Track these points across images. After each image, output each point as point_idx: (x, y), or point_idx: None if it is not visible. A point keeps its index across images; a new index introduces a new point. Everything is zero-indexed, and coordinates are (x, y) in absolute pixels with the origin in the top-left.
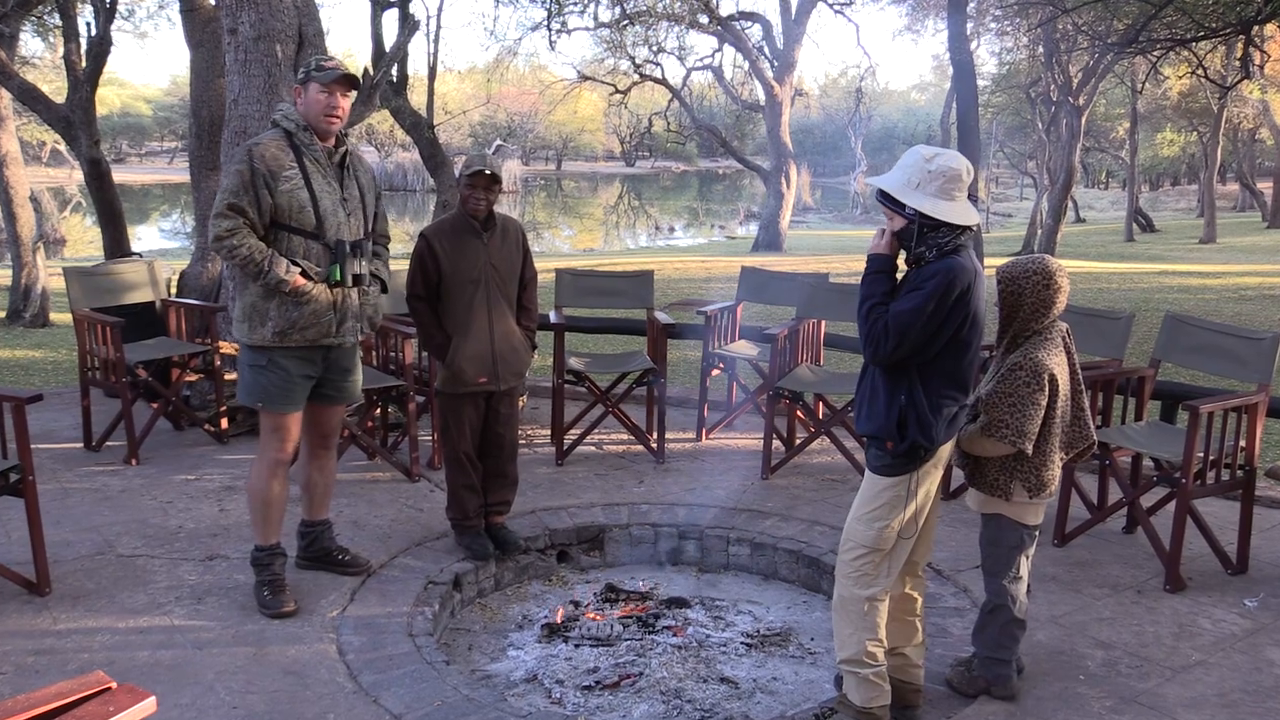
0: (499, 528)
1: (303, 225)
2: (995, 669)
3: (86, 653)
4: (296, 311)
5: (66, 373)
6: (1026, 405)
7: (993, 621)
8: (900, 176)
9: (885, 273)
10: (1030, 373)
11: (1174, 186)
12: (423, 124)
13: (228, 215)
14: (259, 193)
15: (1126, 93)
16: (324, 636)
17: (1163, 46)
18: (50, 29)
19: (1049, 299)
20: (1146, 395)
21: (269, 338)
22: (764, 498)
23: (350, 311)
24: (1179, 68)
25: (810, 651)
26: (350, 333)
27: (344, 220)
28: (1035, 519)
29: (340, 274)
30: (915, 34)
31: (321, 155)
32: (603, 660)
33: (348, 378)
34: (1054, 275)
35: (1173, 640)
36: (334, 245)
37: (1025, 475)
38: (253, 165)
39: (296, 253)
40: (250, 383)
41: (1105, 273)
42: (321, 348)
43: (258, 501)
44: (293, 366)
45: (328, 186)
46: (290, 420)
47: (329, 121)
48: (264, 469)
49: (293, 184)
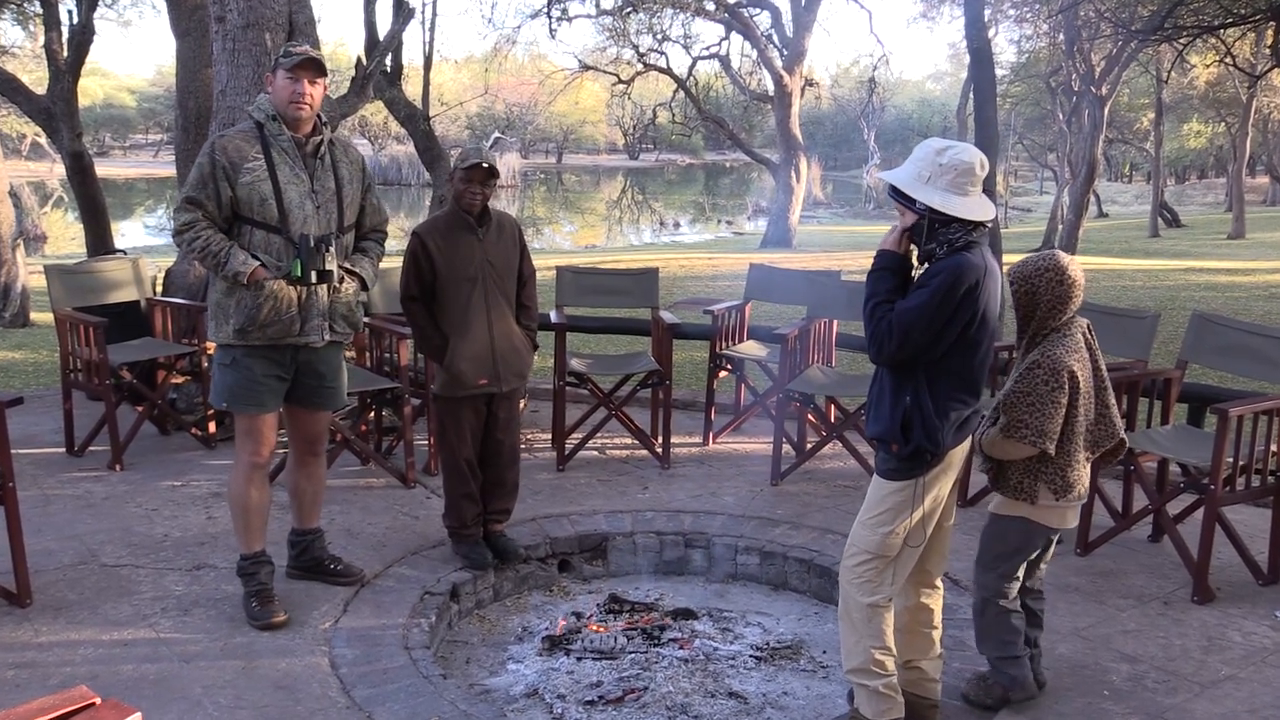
0: (498, 536)
1: (265, 219)
2: (1008, 669)
3: (69, 666)
4: (255, 308)
5: (48, 375)
6: (1046, 404)
7: (985, 619)
8: (911, 171)
9: (892, 270)
10: (1049, 371)
11: (1201, 180)
12: (418, 116)
13: (186, 209)
14: (219, 185)
15: (1151, 82)
16: (316, 649)
17: (1189, 33)
18: (30, 17)
19: (1064, 294)
20: (1173, 398)
21: (231, 335)
22: (774, 505)
23: (317, 310)
24: (1206, 56)
25: (822, 665)
26: (316, 331)
27: (312, 214)
28: (1063, 522)
29: (301, 270)
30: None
31: (290, 145)
32: (606, 674)
33: (323, 383)
34: (1067, 270)
35: (1201, 654)
36: (297, 240)
37: (1050, 477)
38: (214, 158)
39: (258, 247)
40: (218, 382)
41: (1129, 270)
42: (290, 348)
43: (237, 508)
44: (257, 366)
45: (294, 178)
46: (261, 423)
47: (296, 109)
48: (240, 474)
49: (254, 176)
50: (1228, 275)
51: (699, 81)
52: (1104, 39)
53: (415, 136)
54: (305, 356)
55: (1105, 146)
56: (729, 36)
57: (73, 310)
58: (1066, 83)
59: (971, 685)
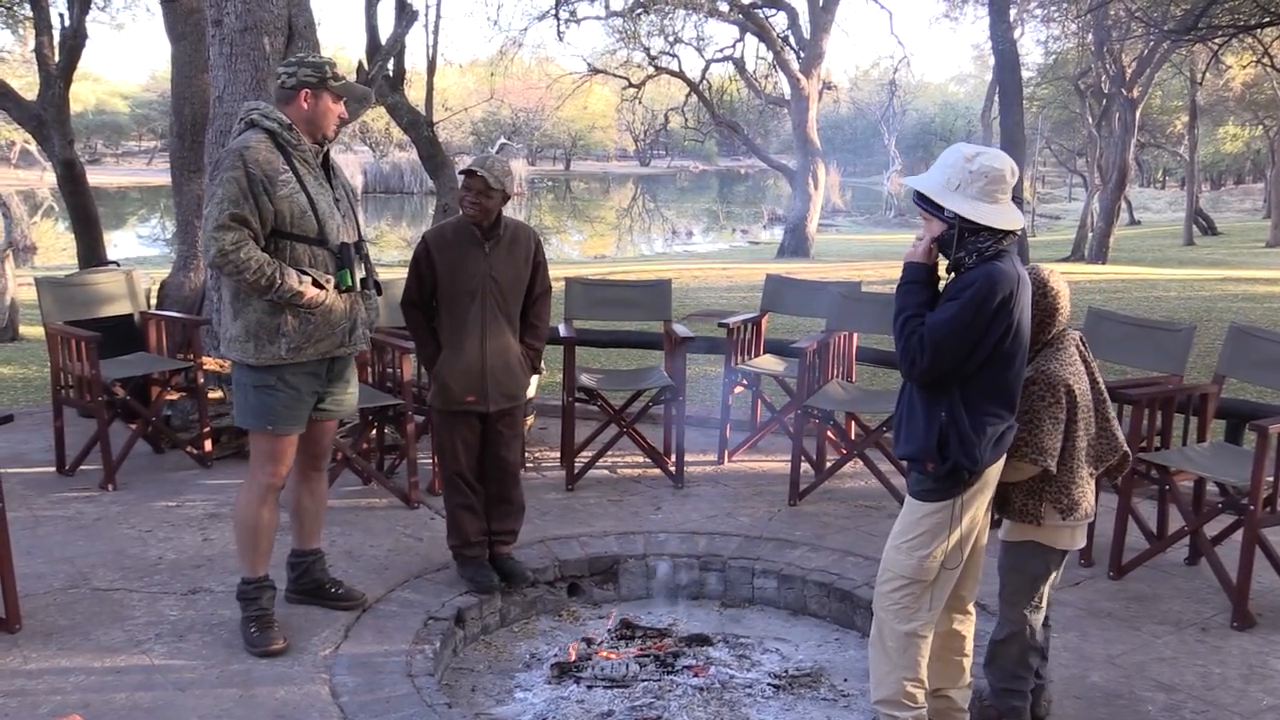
0: (505, 558)
1: (305, 231)
2: (1009, 700)
3: (60, 694)
4: (311, 324)
5: (38, 390)
6: (1044, 420)
7: (1006, 652)
8: (939, 177)
9: (921, 282)
10: (1044, 386)
11: (1237, 185)
12: (421, 121)
13: (231, 227)
14: (259, 200)
15: (1185, 84)
16: (316, 677)
17: (1225, 33)
18: (21, 20)
19: (1050, 307)
20: (1210, 414)
21: (282, 354)
22: (792, 525)
23: (359, 318)
24: (1242, 56)
25: (843, 693)
26: (361, 340)
27: (340, 222)
28: (1071, 542)
29: (350, 279)
30: (954, 21)
31: (310, 155)
32: (618, 703)
33: (347, 389)
34: (1048, 282)
35: (1241, 683)
36: (339, 250)
37: (1055, 496)
38: (248, 171)
39: (302, 261)
40: (257, 405)
41: (1162, 280)
42: (328, 359)
43: (246, 530)
44: (303, 384)
45: (320, 188)
46: (289, 444)
47: (333, 130)
48: (254, 495)
49: (290, 188)
50: (1267, 285)
51: (712, 85)
52: (1135, 39)
53: (418, 143)
54: (340, 366)
55: (1137, 151)
56: (744, 38)
57: (64, 324)
58: (1096, 85)
59: (973, 710)
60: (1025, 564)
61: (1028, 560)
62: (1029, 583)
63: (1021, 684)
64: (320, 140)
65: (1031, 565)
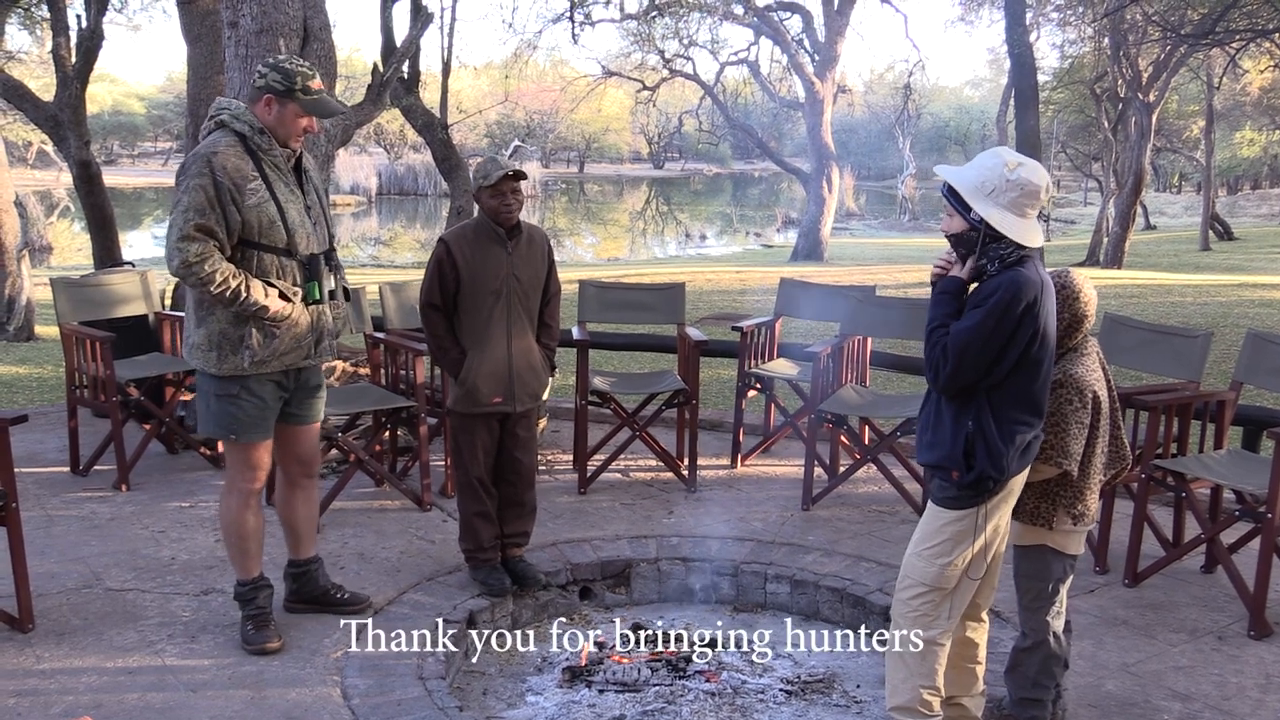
0: (517, 561)
1: (273, 242)
2: (1029, 710)
3: (72, 694)
4: (276, 338)
5: (52, 391)
6: (1070, 424)
7: (1030, 659)
8: (975, 177)
9: (952, 293)
10: (1073, 390)
11: (1254, 190)
12: (436, 124)
13: (196, 238)
14: (226, 210)
15: (1201, 88)
16: (327, 679)
17: (1242, 37)
18: (38, 21)
19: (1080, 311)
20: (1227, 421)
21: (245, 366)
22: (805, 530)
23: (326, 329)
24: (1260, 60)
25: (856, 700)
26: (327, 351)
27: (311, 231)
28: (1077, 548)
29: (319, 291)
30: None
31: (281, 161)
32: (629, 707)
33: (316, 395)
34: (1081, 287)
35: (1259, 692)
36: (307, 261)
37: (1069, 501)
38: (216, 179)
39: (270, 271)
40: (219, 413)
41: (1179, 285)
42: (295, 369)
43: (234, 536)
44: (268, 393)
45: (291, 195)
46: (263, 450)
47: (297, 141)
48: (235, 502)
49: (259, 197)
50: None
51: (727, 88)
52: (1151, 43)
53: (433, 145)
54: (305, 375)
55: (1153, 155)
56: (758, 41)
57: (79, 324)
58: (1112, 89)
59: (986, 715)
60: (1040, 571)
61: (1043, 566)
62: (1050, 588)
63: (1043, 693)
64: (286, 145)
65: (1051, 571)
